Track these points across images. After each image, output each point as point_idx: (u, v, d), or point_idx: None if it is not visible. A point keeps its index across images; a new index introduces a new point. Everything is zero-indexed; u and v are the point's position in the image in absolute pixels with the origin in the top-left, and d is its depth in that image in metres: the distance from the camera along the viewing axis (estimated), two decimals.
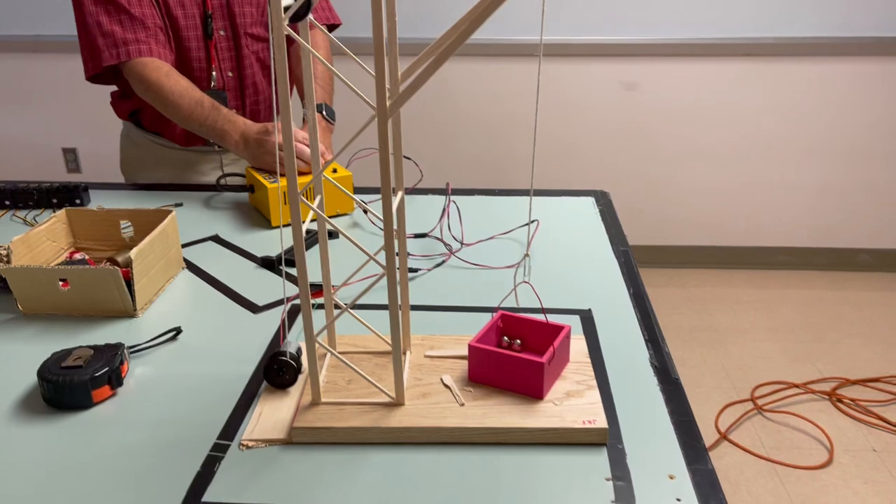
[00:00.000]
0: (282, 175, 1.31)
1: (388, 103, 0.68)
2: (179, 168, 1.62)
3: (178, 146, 1.60)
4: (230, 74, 1.54)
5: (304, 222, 0.74)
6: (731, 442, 2.09)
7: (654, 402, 0.83)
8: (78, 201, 1.37)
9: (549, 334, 0.83)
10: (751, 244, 3.09)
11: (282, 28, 0.65)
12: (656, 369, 0.89)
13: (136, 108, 1.56)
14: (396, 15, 0.71)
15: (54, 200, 1.36)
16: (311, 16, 0.72)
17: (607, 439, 0.76)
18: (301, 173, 1.33)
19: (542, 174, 2.97)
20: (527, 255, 1.19)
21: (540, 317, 0.85)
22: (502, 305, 0.96)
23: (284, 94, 0.68)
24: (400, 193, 0.82)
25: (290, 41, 1.54)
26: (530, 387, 0.79)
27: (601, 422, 0.76)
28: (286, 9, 0.66)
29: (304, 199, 0.71)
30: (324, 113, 1.53)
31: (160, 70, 1.39)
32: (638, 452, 0.75)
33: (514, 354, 0.80)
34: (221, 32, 1.50)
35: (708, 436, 2.11)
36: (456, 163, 2.97)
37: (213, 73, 1.51)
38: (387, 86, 0.68)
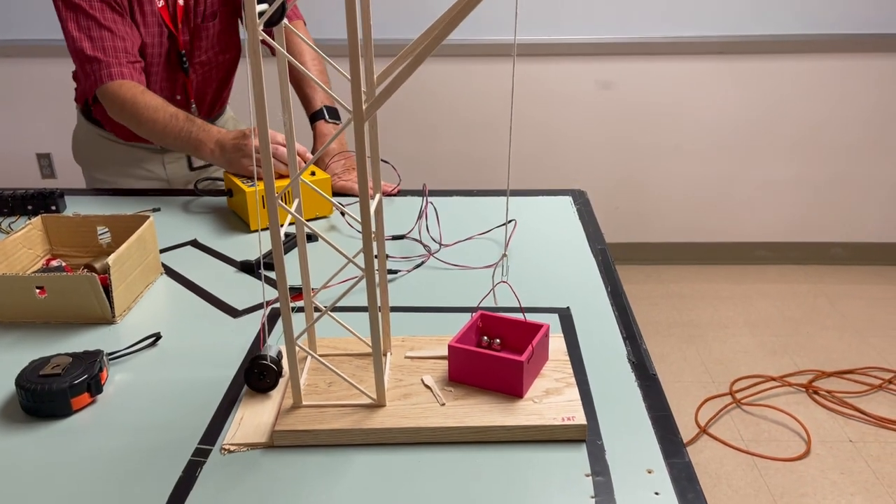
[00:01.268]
0: (260, 179, 1.31)
1: (364, 107, 0.69)
2: (120, 163, 1.63)
3: (120, 140, 1.61)
4: (178, 97, 1.58)
5: (282, 226, 0.74)
6: (710, 436, 2.12)
7: (633, 398, 0.84)
8: (53, 208, 1.35)
9: (528, 333, 0.84)
10: (728, 240, 3.13)
11: (256, 33, 0.65)
12: (634, 365, 0.90)
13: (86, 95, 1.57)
14: (371, 17, 0.71)
15: (29, 207, 1.35)
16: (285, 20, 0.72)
17: (586, 435, 0.77)
18: (280, 175, 1.33)
19: (520, 173, 2.98)
20: (504, 255, 1.20)
21: (519, 316, 0.86)
22: (481, 305, 0.97)
23: (261, 99, 0.68)
24: (378, 196, 0.82)
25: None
26: (510, 385, 0.80)
27: (580, 418, 0.77)
28: (261, 14, 0.66)
29: (283, 204, 0.71)
30: (327, 117, 1.53)
31: (136, 88, 1.41)
32: (617, 448, 0.76)
33: (494, 354, 0.81)
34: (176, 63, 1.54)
35: (688, 430, 2.14)
36: (433, 163, 2.98)
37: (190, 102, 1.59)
38: (363, 89, 0.68)
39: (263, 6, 0.67)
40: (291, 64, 0.72)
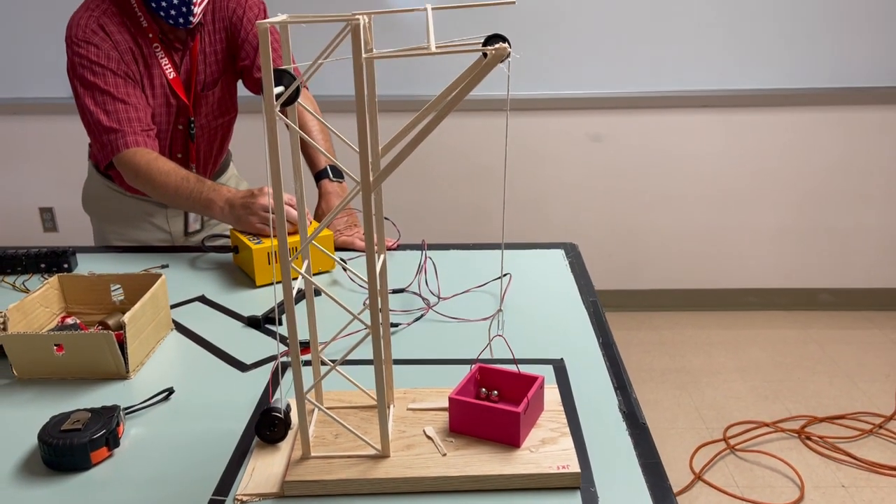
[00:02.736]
0: (266, 236, 1.37)
1: (371, 178, 0.75)
2: (128, 216, 1.70)
3: (128, 193, 1.68)
4: (179, 155, 1.66)
5: (294, 279, 0.80)
6: (705, 482, 2.14)
7: (624, 447, 0.89)
8: (66, 266, 1.41)
9: (525, 384, 0.89)
10: (718, 286, 3.19)
11: (274, 114, 0.72)
12: (625, 415, 0.95)
13: None
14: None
15: (42, 265, 1.40)
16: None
17: (580, 483, 0.81)
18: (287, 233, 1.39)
19: (516, 223, 3.06)
20: (500, 310, 1.25)
21: (515, 368, 0.91)
22: (480, 358, 1.01)
23: (275, 163, 0.74)
24: (382, 256, 0.88)
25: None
26: (508, 435, 0.85)
27: (574, 467, 0.82)
28: (277, 95, 0.73)
29: (296, 267, 0.77)
30: (331, 176, 1.59)
31: (149, 155, 1.49)
32: (609, 495, 0.80)
33: (492, 405, 0.85)
34: (180, 127, 1.62)
35: (683, 477, 2.17)
36: (429, 214, 3.05)
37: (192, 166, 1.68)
38: (369, 160, 0.74)
39: (279, 88, 0.73)
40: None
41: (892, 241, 3.10)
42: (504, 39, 0.68)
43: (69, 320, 1.16)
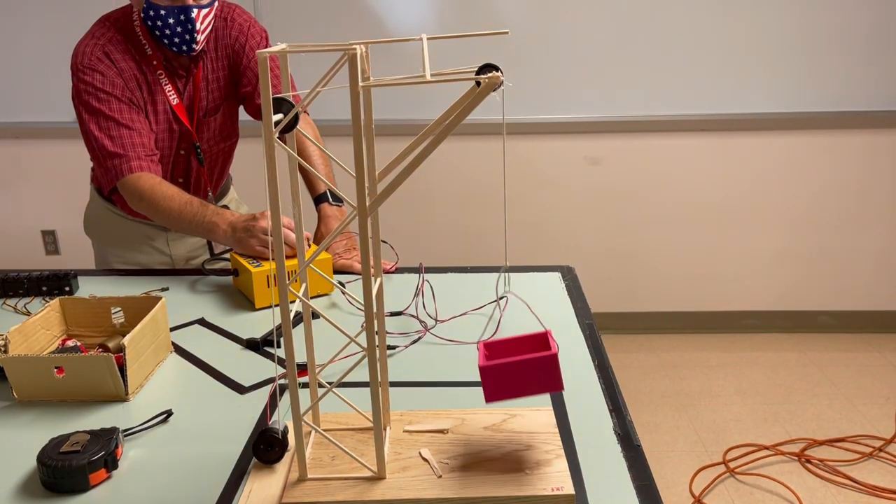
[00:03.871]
0: (267, 259, 1.39)
1: (367, 203, 0.76)
2: (129, 239, 1.72)
3: (129, 217, 1.70)
4: (181, 180, 1.69)
5: (292, 302, 0.81)
6: None
7: (618, 468, 0.89)
8: (67, 289, 1.42)
9: (535, 341, 0.88)
10: (717, 309, 3.19)
11: (273, 141, 0.73)
12: (619, 437, 0.96)
13: None
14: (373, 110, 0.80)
15: (44, 288, 1.42)
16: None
17: None
18: (286, 256, 1.40)
19: (514, 245, 3.07)
20: (506, 265, 1.25)
21: (515, 334, 0.90)
22: (483, 337, 1.01)
23: (274, 189, 0.76)
24: (378, 280, 0.89)
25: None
26: (549, 382, 0.83)
27: (568, 488, 0.82)
28: (276, 123, 0.75)
29: (294, 291, 0.78)
30: (330, 200, 1.61)
31: (153, 180, 1.51)
32: None
33: (526, 357, 0.83)
34: (182, 152, 1.65)
35: (683, 500, 2.16)
36: (427, 237, 3.07)
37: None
38: (366, 184, 0.76)
39: (279, 116, 0.75)
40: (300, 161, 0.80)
41: (890, 263, 3.11)
42: (496, 68, 0.70)
43: (70, 343, 1.17)
